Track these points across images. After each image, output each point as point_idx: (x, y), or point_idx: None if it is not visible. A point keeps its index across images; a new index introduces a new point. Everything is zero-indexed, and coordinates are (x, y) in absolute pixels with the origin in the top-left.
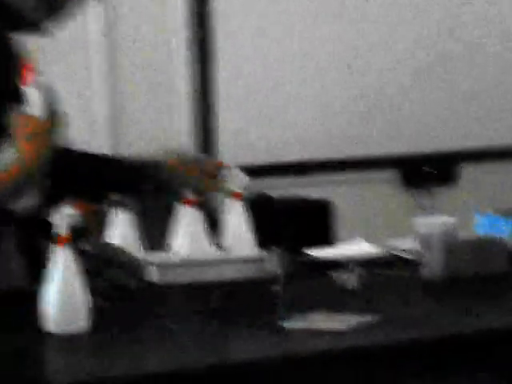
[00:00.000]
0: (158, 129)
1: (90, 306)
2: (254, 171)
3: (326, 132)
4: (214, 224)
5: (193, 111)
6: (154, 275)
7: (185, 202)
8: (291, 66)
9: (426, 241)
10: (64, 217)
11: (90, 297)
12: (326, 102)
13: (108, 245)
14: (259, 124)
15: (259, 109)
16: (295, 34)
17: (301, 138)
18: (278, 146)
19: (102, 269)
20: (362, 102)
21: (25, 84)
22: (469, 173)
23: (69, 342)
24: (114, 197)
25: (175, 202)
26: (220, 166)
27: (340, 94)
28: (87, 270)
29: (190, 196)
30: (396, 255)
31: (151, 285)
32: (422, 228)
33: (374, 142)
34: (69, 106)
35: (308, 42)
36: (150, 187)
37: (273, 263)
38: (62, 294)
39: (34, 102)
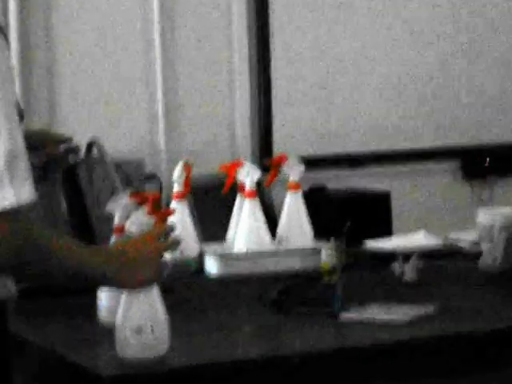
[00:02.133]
0: (217, 118)
1: None
2: (311, 162)
3: (384, 123)
4: (271, 215)
5: (251, 102)
6: (213, 267)
7: (244, 194)
8: (348, 58)
9: (486, 232)
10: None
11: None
12: (385, 93)
13: None
14: (317, 115)
15: (317, 100)
16: (349, 28)
17: (360, 129)
18: (337, 136)
19: None
20: (421, 93)
21: (151, 213)
22: None
23: None
24: None
25: None
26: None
27: (399, 86)
28: None
29: None
30: (456, 247)
31: (211, 276)
32: (483, 219)
33: (434, 134)
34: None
35: (362, 35)
36: None
37: (331, 255)
38: None
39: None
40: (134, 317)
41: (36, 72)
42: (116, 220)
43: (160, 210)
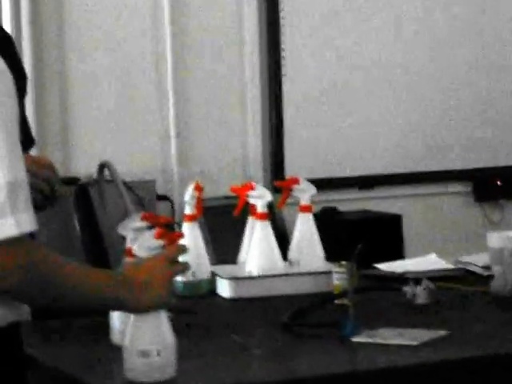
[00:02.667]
0: (229, 142)
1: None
2: (322, 184)
3: (396, 146)
4: (283, 237)
5: (263, 124)
6: (224, 289)
7: (256, 216)
8: (359, 81)
9: (497, 255)
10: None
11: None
12: (397, 117)
13: None
14: (329, 137)
15: (328, 122)
16: (360, 54)
17: (371, 151)
18: (349, 159)
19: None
20: (433, 116)
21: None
22: None
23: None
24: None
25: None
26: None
27: (410, 109)
28: None
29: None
30: (467, 270)
31: (223, 298)
32: (494, 243)
33: (445, 156)
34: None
35: (374, 61)
36: None
37: (342, 277)
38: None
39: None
40: (141, 340)
41: (49, 94)
42: (127, 242)
43: (171, 232)
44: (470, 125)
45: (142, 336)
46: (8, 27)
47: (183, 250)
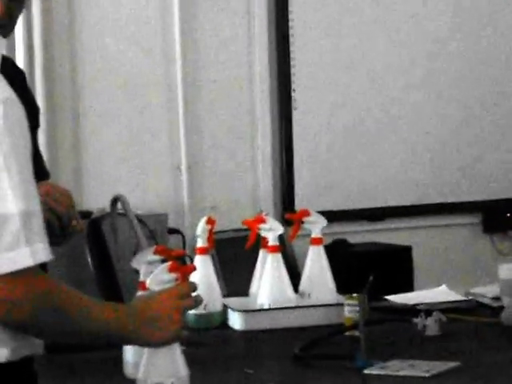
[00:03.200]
0: (240, 176)
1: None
2: (333, 216)
3: (405, 178)
4: (294, 269)
5: (273, 157)
6: (236, 321)
7: (267, 248)
8: (370, 116)
9: (507, 287)
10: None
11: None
12: (406, 149)
13: None
14: (339, 170)
15: (338, 155)
16: (369, 84)
17: (381, 183)
18: (358, 191)
19: None
20: (441, 148)
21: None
22: None
23: None
24: None
25: None
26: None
27: (419, 141)
28: None
29: None
30: (477, 301)
31: (235, 330)
32: (504, 274)
33: (454, 188)
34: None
35: (382, 92)
36: None
37: (353, 309)
38: None
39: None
40: (156, 373)
41: (62, 128)
42: (141, 276)
43: (183, 266)
44: (479, 158)
45: (157, 368)
46: (21, 62)
47: (194, 286)
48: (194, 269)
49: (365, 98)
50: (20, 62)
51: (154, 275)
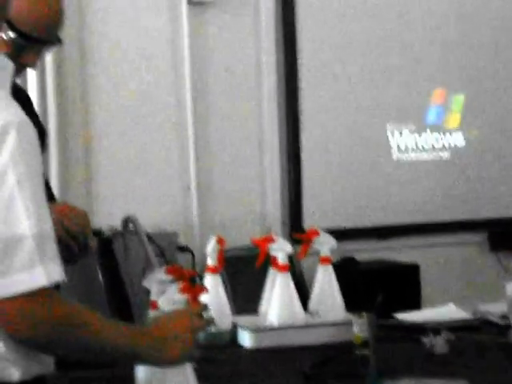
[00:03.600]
0: (248, 195)
1: None
2: (340, 234)
3: (413, 196)
4: (303, 288)
5: (281, 176)
6: (246, 339)
7: (277, 267)
8: (376, 134)
9: None
10: (159, 283)
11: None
12: (413, 169)
13: None
14: (346, 189)
15: (346, 173)
16: (378, 104)
17: (388, 202)
18: (366, 210)
19: None
20: (448, 168)
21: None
22: None
23: None
24: None
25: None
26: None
27: (427, 161)
28: None
29: None
30: (485, 319)
31: (244, 348)
32: (511, 292)
33: (461, 207)
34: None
35: (391, 112)
36: None
37: (362, 327)
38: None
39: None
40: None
41: (72, 149)
42: (152, 295)
43: (194, 286)
44: (485, 176)
45: None
46: (34, 84)
47: (205, 307)
48: (206, 290)
49: (371, 118)
50: (32, 83)
51: (167, 295)
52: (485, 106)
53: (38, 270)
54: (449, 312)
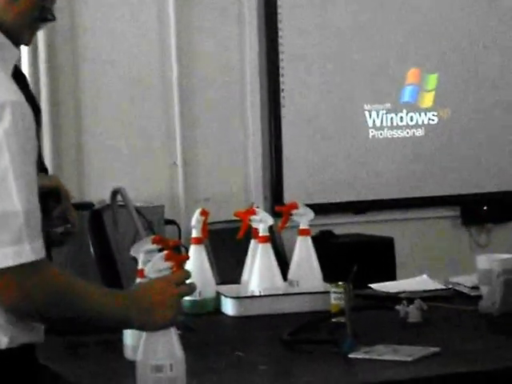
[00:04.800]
0: (232, 171)
1: None
2: (319, 209)
3: (389, 173)
4: (282, 258)
5: (263, 153)
6: (228, 307)
7: (258, 239)
8: (355, 111)
9: (485, 277)
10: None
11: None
12: (390, 146)
13: None
14: (325, 166)
15: (325, 151)
16: (357, 78)
17: (365, 178)
18: (344, 186)
19: None
20: (422, 146)
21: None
22: None
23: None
24: None
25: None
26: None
27: (402, 139)
28: None
29: None
30: (457, 290)
31: (227, 316)
32: (482, 264)
33: (435, 183)
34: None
35: (370, 90)
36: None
37: (339, 297)
38: None
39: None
40: (154, 356)
41: (64, 125)
42: (139, 264)
43: (178, 255)
44: (458, 154)
45: (155, 351)
46: (25, 61)
47: (189, 274)
48: (188, 258)
49: (352, 95)
50: (24, 60)
51: (152, 264)
52: (457, 86)
53: (25, 246)
54: (422, 283)
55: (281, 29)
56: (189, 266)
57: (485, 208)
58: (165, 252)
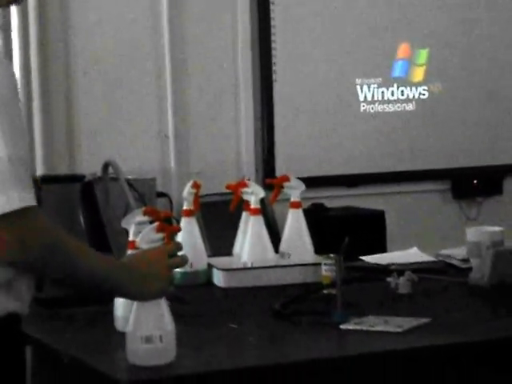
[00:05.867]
0: (224, 143)
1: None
2: (311, 182)
3: (380, 147)
4: (274, 231)
5: (255, 127)
6: (220, 279)
7: (249, 211)
8: (346, 86)
9: (475, 249)
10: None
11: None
12: (381, 120)
13: None
14: (317, 139)
15: (317, 124)
16: (348, 57)
17: (357, 152)
18: (335, 159)
19: None
20: (414, 120)
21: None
22: None
23: None
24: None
25: None
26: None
27: (393, 113)
28: None
29: None
30: (446, 262)
31: (218, 288)
32: (471, 237)
33: (426, 157)
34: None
35: (367, 63)
36: None
37: (331, 269)
38: None
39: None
40: (144, 327)
41: (55, 99)
42: (130, 236)
43: (169, 226)
44: (449, 127)
45: (145, 322)
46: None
47: (180, 246)
48: (180, 229)
49: (344, 70)
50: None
51: (143, 235)
52: (448, 61)
53: (11, 194)
54: (413, 255)
55: (272, 2)
56: (180, 238)
57: (475, 182)
58: (156, 223)
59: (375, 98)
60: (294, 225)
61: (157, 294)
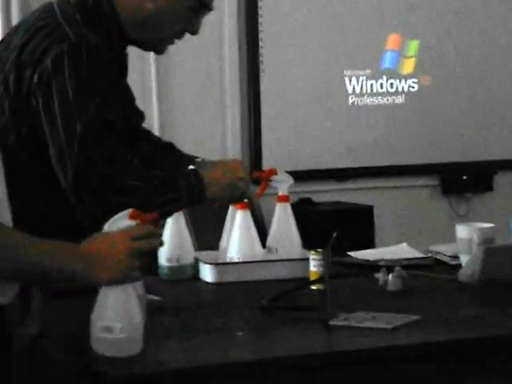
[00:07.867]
0: (210, 138)
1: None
2: (299, 176)
3: (369, 141)
4: (261, 225)
5: (242, 120)
6: (207, 274)
7: (236, 205)
8: (334, 79)
9: (465, 245)
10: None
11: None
12: (370, 114)
13: None
14: (305, 133)
15: (305, 118)
16: (335, 51)
17: (345, 146)
18: (324, 153)
19: None
20: (403, 114)
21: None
22: (504, 181)
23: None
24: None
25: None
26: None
27: (383, 107)
28: None
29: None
30: (437, 259)
31: (205, 282)
32: (462, 233)
33: (415, 152)
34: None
35: (356, 56)
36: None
37: (318, 264)
38: None
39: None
40: (105, 316)
41: None
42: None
43: (144, 213)
44: (439, 122)
45: (107, 312)
46: None
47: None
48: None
49: (332, 61)
50: None
51: (113, 220)
52: (438, 52)
53: None
54: (402, 251)
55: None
56: (167, 232)
57: (464, 177)
58: (130, 210)
59: (364, 91)
60: (282, 219)
61: (115, 279)
